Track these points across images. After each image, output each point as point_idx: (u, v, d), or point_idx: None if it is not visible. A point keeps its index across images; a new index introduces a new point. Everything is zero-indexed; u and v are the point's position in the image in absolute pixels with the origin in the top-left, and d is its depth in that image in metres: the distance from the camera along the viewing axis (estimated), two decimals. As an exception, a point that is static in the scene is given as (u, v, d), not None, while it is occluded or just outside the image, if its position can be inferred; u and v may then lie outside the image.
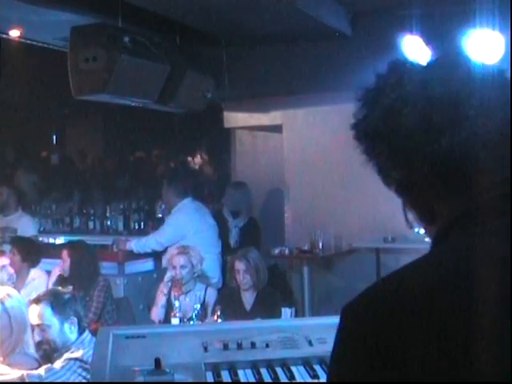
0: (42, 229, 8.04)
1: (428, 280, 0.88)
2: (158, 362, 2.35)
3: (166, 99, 6.21)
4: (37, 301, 3.58)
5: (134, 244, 6.57)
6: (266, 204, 8.34)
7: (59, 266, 5.57)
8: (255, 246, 6.36)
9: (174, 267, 5.26)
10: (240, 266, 5.12)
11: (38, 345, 3.49)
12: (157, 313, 5.26)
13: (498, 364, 0.81)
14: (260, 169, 8.35)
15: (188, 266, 5.25)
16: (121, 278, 6.39)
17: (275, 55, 7.01)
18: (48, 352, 3.46)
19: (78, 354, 3.34)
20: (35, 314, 3.50)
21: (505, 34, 5.06)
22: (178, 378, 2.35)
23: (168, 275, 5.41)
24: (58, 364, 3.30)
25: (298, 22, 6.03)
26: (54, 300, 3.55)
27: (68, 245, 5.85)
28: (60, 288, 3.97)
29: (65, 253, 5.49)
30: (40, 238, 7.35)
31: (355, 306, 0.93)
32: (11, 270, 5.26)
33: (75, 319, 3.51)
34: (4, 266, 5.21)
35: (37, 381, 3.20)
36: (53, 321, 3.46)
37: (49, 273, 5.82)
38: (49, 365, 3.31)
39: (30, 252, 5.77)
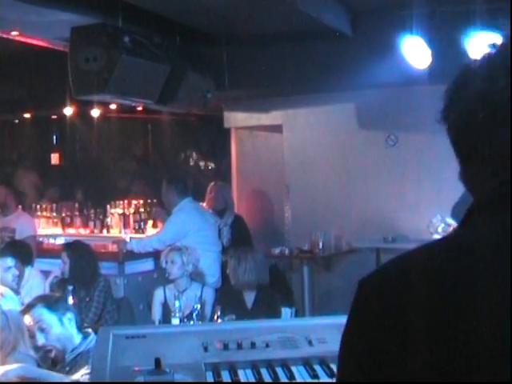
0: (41, 229, 8.04)
1: (457, 262, 0.88)
2: (158, 361, 2.35)
3: (165, 99, 6.22)
4: (30, 307, 3.59)
5: (135, 244, 6.58)
6: (266, 204, 8.35)
7: (59, 267, 5.57)
8: (248, 243, 6.41)
9: (167, 263, 5.37)
10: (231, 263, 5.24)
11: (43, 350, 3.48)
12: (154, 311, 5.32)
13: None
14: (260, 169, 8.35)
15: (178, 262, 5.31)
16: (121, 277, 6.39)
17: (275, 55, 7.02)
18: (56, 356, 3.45)
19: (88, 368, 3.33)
20: (32, 318, 3.50)
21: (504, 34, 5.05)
22: (178, 377, 2.35)
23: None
24: (78, 376, 3.28)
25: (298, 22, 6.02)
26: (46, 301, 3.58)
27: (67, 246, 5.84)
28: (48, 293, 3.99)
29: (64, 254, 5.49)
30: (40, 238, 7.35)
31: (372, 280, 0.94)
32: (16, 272, 5.28)
33: (72, 315, 3.54)
34: (10, 268, 5.22)
35: None
36: (52, 319, 3.48)
37: (48, 273, 5.82)
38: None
39: (25, 254, 5.77)
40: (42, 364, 3.45)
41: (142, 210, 8.14)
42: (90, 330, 3.66)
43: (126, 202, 8.27)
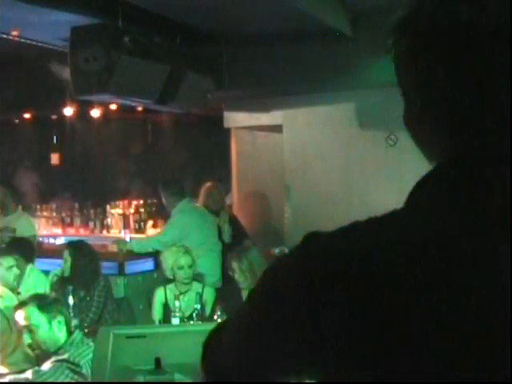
0: (42, 229, 8.04)
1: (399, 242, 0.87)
2: (158, 361, 2.35)
3: (165, 99, 6.22)
4: (22, 304, 3.59)
5: (135, 244, 6.58)
6: (266, 204, 8.34)
7: (59, 266, 5.58)
8: (246, 238, 6.44)
9: (181, 267, 5.26)
10: (235, 265, 5.21)
11: (29, 348, 3.47)
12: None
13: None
14: (260, 169, 8.35)
15: (193, 265, 5.31)
16: (121, 277, 6.38)
17: (275, 55, 7.01)
18: (40, 356, 3.45)
19: (65, 355, 3.34)
20: (22, 316, 3.49)
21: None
22: (178, 377, 2.35)
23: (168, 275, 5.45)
24: (45, 366, 3.29)
25: (298, 22, 6.03)
26: (39, 301, 3.57)
27: (69, 245, 5.85)
28: (43, 294, 3.99)
29: (66, 253, 5.50)
30: (40, 238, 7.34)
31: (320, 243, 0.92)
32: (17, 271, 5.27)
33: (62, 318, 3.52)
34: (11, 267, 5.22)
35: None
36: (41, 320, 3.46)
37: (48, 273, 5.82)
38: (36, 367, 3.30)
39: (29, 252, 5.78)
40: (41, 363, 3.45)
41: (141, 210, 8.14)
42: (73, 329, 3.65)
43: (125, 202, 8.28)
